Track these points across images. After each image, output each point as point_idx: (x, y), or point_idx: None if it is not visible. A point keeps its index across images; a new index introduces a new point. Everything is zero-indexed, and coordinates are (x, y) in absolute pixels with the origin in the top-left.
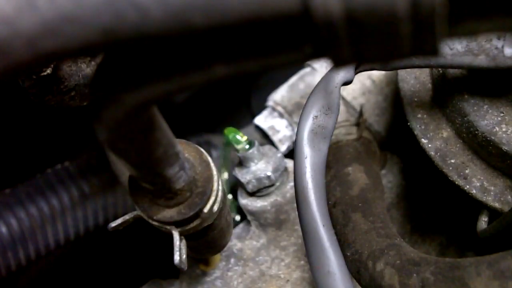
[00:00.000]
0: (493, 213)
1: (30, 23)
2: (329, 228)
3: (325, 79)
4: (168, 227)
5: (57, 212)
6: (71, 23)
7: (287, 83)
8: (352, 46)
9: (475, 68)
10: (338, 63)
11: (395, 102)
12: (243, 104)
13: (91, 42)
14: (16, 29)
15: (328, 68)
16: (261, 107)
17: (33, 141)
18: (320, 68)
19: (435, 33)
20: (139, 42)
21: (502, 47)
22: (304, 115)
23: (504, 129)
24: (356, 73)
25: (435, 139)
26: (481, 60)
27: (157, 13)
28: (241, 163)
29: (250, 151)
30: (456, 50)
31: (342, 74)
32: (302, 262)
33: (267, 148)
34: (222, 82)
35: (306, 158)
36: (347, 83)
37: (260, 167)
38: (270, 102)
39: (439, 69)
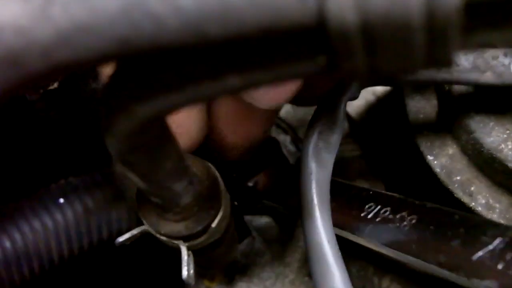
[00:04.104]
0: None
1: (44, 33)
2: (334, 244)
3: (330, 94)
4: (176, 241)
5: (61, 226)
6: (86, 33)
7: None
8: (366, 57)
9: (481, 85)
10: (352, 75)
11: (401, 118)
12: None
13: (106, 53)
14: (31, 39)
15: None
16: None
17: (37, 156)
18: None
19: (449, 43)
20: (153, 53)
21: (509, 64)
22: (309, 131)
23: (510, 147)
24: (361, 88)
25: (441, 155)
26: (488, 77)
27: (173, 24)
28: None
29: None
30: (463, 67)
31: (347, 90)
32: (307, 278)
33: None
34: (236, 93)
35: (311, 174)
36: (352, 98)
37: None
38: None
39: (445, 85)
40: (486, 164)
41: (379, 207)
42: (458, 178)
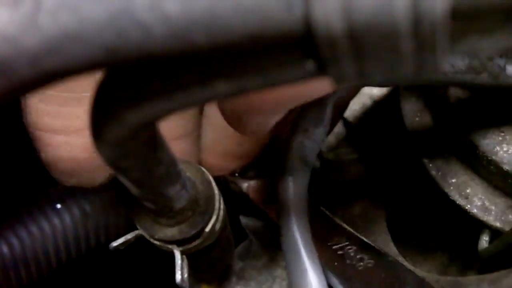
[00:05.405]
0: (494, 233)
1: (33, 41)
2: (310, 248)
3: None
4: (169, 246)
5: (58, 231)
6: (74, 41)
7: None
8: (354, 63)
9: (477, 86)
10: (339, 81)
11: (397, 122)
12: None
13: (94, 61)
14: (19, 47)
15: None
16: None
17: (35, 161)
18: None
19: (437, 50)
20: (141, 61)
21: (505, 65)
22: (295, 128)
23: (505, 149)
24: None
25: (436, 158)
26: (483, 78)
27: (160, 32)
28: None
29: None
30: (458, 68)
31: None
32: None
33: None
34: (225, 99)
35: (290, 174)
36: (340, 98)
37: None
38: None
39: (441, 88)
40: (481, 167)
41: (347, 243)
42: (454, 180)
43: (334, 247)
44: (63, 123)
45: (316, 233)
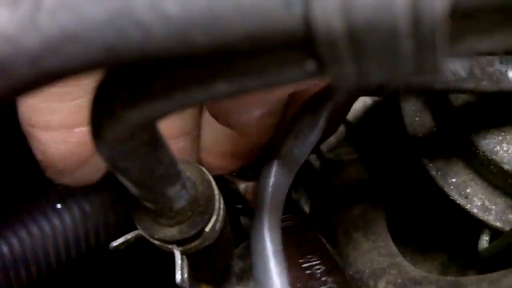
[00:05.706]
0: (494, 232)
1: (32, 41)
2: (278, 252)
3: (316, 97)
4: (169, 246)
5: (58, 231)
6: (73, 41)
7: None
8: (354, 64)
9: (479, 93)
10: (339, 81)
11: (397, 122)
12: None
13: (93, 61)
14: (18, 47)
15: None
16: None
17: (35, 161)
18: None
19: (436, 50)
20: (141, 61)
21: (506, 71)
22: (287, 131)
23: (505, 148)
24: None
25: (436, 158)
26: (485, 85)
27: (160, 32)
28: None
29: None
30: (460, 76)
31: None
32: None
33: None
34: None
35: (272, 172)
36: (341, 102)
37: None
38: None
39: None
40: (481, 166)
41: (318, 262)
42: (454, 180)
43: (304, 265)
44: (56, 119)
45: (291, 247)
